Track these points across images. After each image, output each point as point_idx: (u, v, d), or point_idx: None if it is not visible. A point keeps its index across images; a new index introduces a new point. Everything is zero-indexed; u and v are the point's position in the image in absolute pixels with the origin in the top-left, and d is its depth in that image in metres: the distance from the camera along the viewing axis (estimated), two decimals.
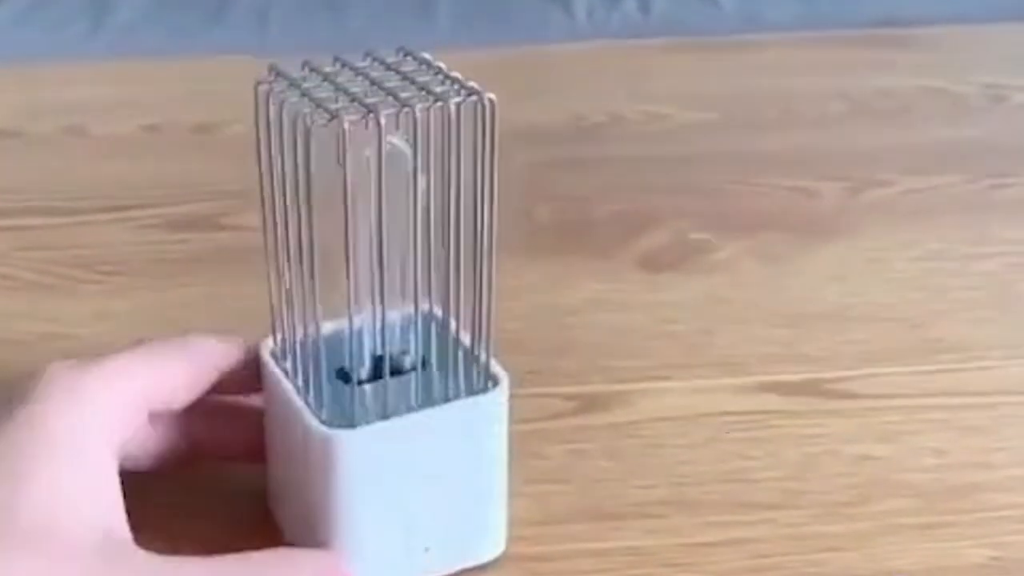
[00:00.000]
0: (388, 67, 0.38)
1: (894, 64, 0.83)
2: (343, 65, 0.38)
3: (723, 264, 0.60)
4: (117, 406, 0.39)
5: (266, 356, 0.41)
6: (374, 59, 0.38)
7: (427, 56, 0.38)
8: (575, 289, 0.58)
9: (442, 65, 0.37)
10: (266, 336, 0.41)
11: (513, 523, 0.43)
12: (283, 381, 0.40)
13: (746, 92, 0.78)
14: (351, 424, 0.38)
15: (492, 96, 0.36)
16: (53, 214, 0.65)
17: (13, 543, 0.35)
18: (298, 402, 0.39)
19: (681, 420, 0.49)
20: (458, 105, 0.35)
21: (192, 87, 0.80)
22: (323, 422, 0.38)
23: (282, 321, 0.40)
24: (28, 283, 0.59)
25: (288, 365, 0.40)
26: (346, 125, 0.35)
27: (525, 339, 0.41)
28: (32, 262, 0.61)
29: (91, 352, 0.41)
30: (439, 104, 0.35)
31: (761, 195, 0.67)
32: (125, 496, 0.38)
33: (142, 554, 0.37)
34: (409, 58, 0.38)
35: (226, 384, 0.42)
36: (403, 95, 0.36)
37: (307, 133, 0.35)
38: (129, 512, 0.38)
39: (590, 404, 0.50)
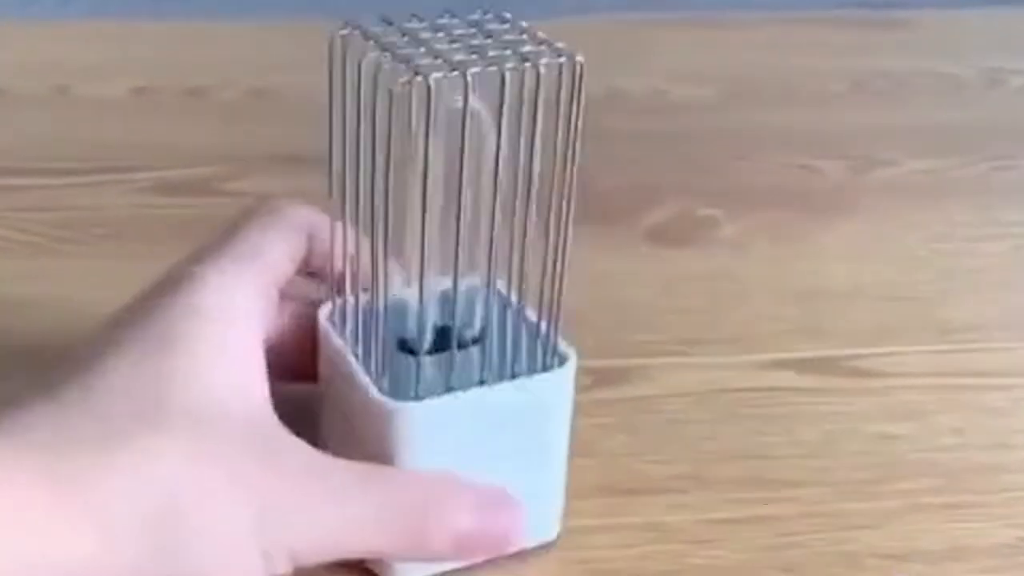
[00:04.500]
0: (470, 25, 0.36)
1: (893, 45, 0.82)
2: (421, 21, 0.36)
3: (730, 240, 0.60)
4: (262, 294, 0.38)
5: (324, 321, 0.39)
6: (454, 16, 0.36)
7: (508, 15, 0.36)
8: (582, 263, 0.57)
9: (525, 24, 0.36)
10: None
11: None
12: (343, 349, 0.38)
13: (746, 69, 0.77)
14: (412, 397, 0.37)
15: (581, 59, 0.34)
16: (42, 175, 0.63)
17: (169, 428, 0.34)
18: (359, 373, 0.37)
19: (699, 395, 0.49)
20: (547, 66, 0.34)
21: (179, 50, 0.78)
22: (383, 393, 0.37)
23: (344, 286, 0.38)
24: (18, 244, 0.58)
25: (348, 332, 0.39)
26: (431, 83, 0.33)
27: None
28: (22, 223, 0.59)
29: (85, 316, 0.39)
30: (527, 64, 0.34)
31: (764, 172, 0.66)
32: None
33: (291, 441, 0.36)
34: (491, 16, 0.36)
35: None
36: (490, 54, 0.34)
37: (389, 90, 0.33)
38: None
39: (607, 378, 0.49)
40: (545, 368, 0.38)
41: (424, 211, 0.35)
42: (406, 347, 0.38)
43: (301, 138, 0.41)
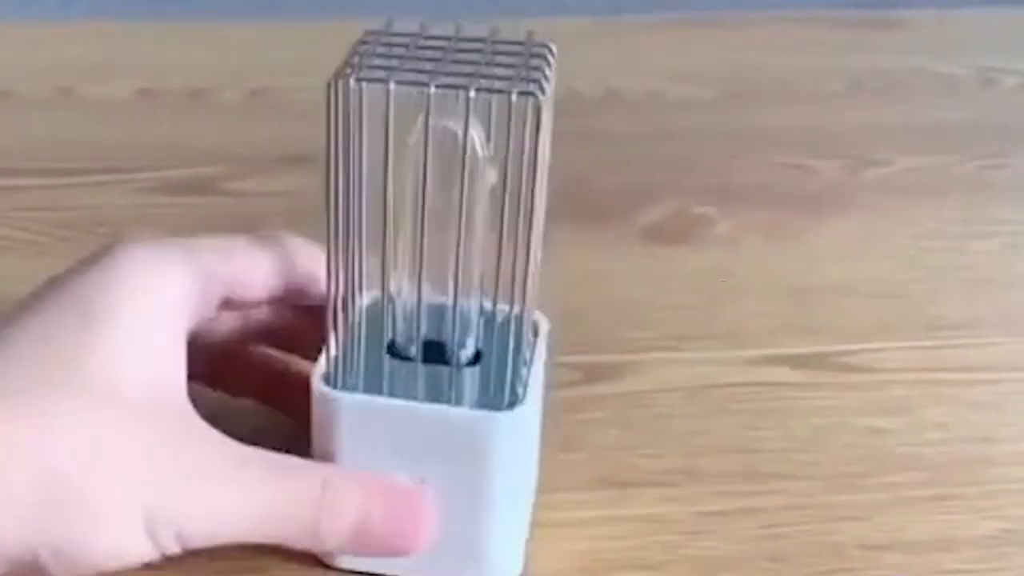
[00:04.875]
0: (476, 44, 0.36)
1: (890, 45, 0.83)
2: (454, 37, 0.37)
3: (724, 238, 0.61)
4: (193, 283, 0.38)
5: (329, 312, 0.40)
6: (496, 33, 0.37)
7: (544, 42, 0.37)
8: (578, 261, 0.58)
9: (543, 51, 0.36)
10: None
11: None
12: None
13: (742, 69, 0.78)
14: (347, 389, 0.38)
15: (543, 98, 0.34)
16: (46, 175, 0.64)
17: (73, 395, 0.34)
18: (320, 363, 0.38)
19: (689, 391, 0.50)
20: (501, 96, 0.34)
21: (181, 51, 0.79)
22: (326, 380, 0.38)
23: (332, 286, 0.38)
24: (21, 244, 0.58)
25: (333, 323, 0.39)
26: (362, 85, 0.34)
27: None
28: (24, 222, 0.60)
29: None
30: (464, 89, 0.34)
31: (760, 171, 0.67)
32: None
33: (199, 426, 0.36)
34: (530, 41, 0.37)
35: (305, 288, 0.41)
36: (457, 74, 0.35)
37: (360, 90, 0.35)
38: None
39: (598, 374, 0.50)
40: (493, 406, 0.38)
41: (421, 221, 0.36)
42: (396, 352, 0.39)
43: (303, 138, 0.42)
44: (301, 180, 0.61)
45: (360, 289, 0.38)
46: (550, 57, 0.36)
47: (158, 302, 0.37)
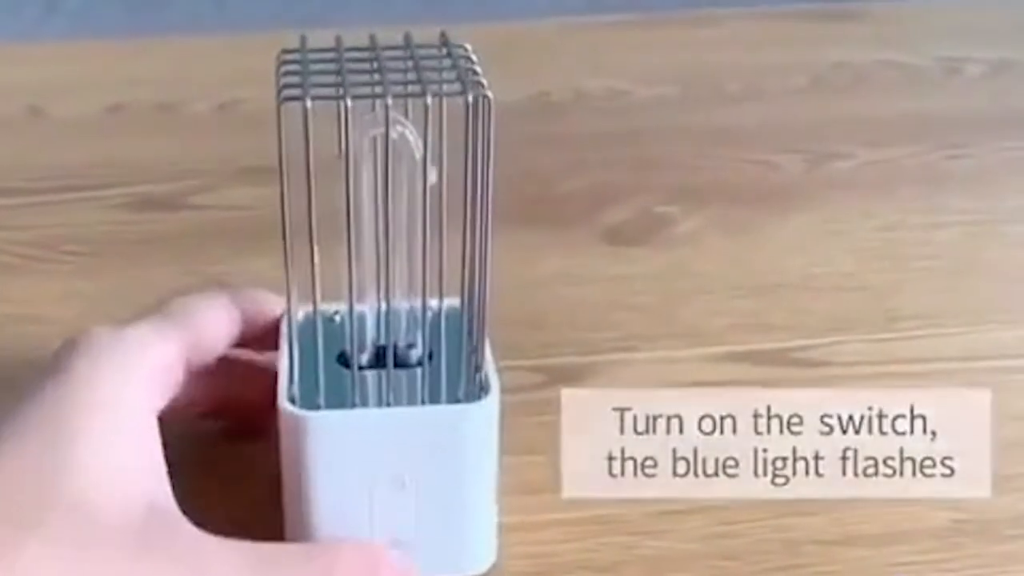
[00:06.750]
0: (408, 50, 0.37)
1: (850, 37, 0.83)
2: (373, 48, 0.38)
3: (687, 237, 0.61)
4: (157, 371, 0.38)
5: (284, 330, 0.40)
6: (409, 39, 0.38)
7: (464, 46, 0.37)
8: (540, 263, 0.58)
9: (471, 56, 0.37)
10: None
11: None
12: (282, 358, 0.40)
13: (706, 67, 0.79)
14: (316, 407, 0.38)
15: (489, 94, 0.35)
16: (15, 194, 0.64)
17: (51, 528, 0.33)
18: (283, 383, 0.39)
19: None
20: (437, 99, 0.35)
21: (152, 66, 0.79)
22: (290, 400, 0.38)
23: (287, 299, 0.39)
24: None
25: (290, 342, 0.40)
26: (308, 104, 0.34)
27: (491, 312, 0.41)
28: None
29: (60, 334, 0.40)
30: (420, 97, 0.35)
31: (723, 168, 0.68)
32: None
33: (186, 528, 0.35)
34: (440, 43, 0.38)
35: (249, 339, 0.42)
36: (391, 82, 0.35)
37: (279, 109, 0.35)
38: None
39: (558, 376, 0.51)
40: (462, 399, 0.39)
41: (349, 230, 0.37)
42: (345, 361, 0.40)
43: (273, 151, 0.42)
44: (272, 192, 0.61)
45: (317, 304, 0.38)
46: (473, 56, 0.37)
47: (128, 405, 0.37)
